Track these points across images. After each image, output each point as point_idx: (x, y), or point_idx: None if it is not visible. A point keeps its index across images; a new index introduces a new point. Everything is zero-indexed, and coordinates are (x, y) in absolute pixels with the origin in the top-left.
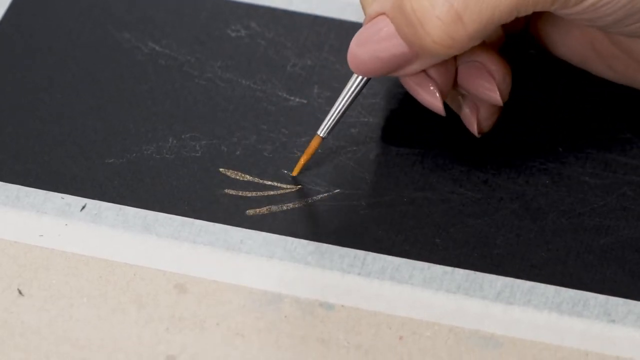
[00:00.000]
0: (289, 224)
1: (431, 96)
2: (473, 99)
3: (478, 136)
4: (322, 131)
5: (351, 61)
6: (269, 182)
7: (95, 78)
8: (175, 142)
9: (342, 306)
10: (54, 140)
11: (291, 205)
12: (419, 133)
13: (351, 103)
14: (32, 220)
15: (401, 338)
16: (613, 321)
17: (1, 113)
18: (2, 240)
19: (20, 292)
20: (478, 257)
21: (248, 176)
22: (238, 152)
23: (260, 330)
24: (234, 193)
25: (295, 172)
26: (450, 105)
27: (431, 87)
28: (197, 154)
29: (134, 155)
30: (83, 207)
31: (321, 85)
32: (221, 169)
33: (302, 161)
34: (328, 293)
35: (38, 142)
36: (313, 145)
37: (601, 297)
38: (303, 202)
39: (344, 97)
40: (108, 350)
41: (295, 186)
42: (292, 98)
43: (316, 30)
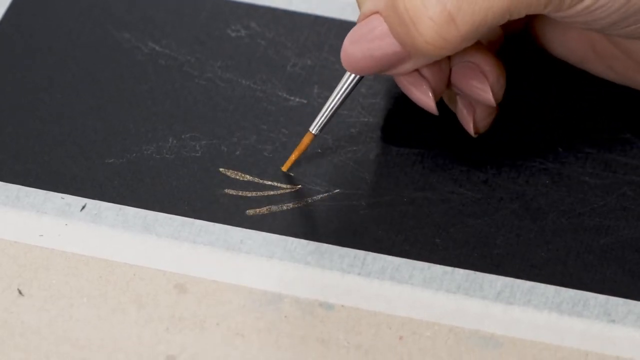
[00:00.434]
0: (289, 224)
1: (424, 95)
2: (468, 100)
3: (474, 136)
4: (314, 128)
5: (344, 59)
6: (269, 182)
7: (95, 78)
8: (175, 142)
9: (342, 306)
10: (54, 140)
11: (291, 205)
12: (419, 133)
13: (344, 101)
14: (32, 220)
15: (401, 338)
16: (613, 321)
17: (1, 113)
18: (2, 240)
19: (20, 292)
20: (478, 257)
21: (248, 176)
22: (238, 152)
23: (260, 330)
24: (234, 193)
25: (285, 168)
26: (448, 105)
27: (424, 87)
28: (197, 154)
29: (134, 155)
30: (83, 207)
31: (321, 85)
32: (221, 169)
33: (293, 157)
34: (328, 293)
35: (38, 142)
36: (305, 141)
37: (601, 297)
38: (303, 202)
39: (337, 95)
40: (108, 350)
41: (295, 186)
42: (292, 98)
43: (316, 30)
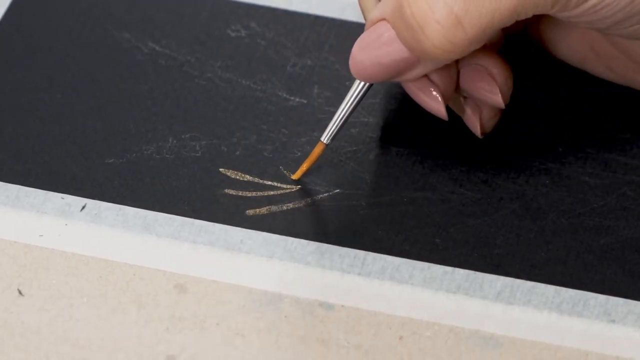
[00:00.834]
0: (289, 224)
1: (434, 101)
2: (475, 102)
3: (481, 137)
4: (326, 138)
5: (353, 67)
6: (269, 182)
7: (95, 78)
8: (175, 142)
9: (342, 306)
10: (54, 140)
11: (291, 205)
12: (419, 133)
13: (354, 109)
14: (32, 220)
15: (401, 338)
16: (613, 321)
17: (1, 113)
18: (2, 240)
19: (20, 292)
20: (478, 257)
21: (248, 176)
22: (238, 152)
23: (260, 330)
24: (234, 193)
25: (296, 176)
26: (451, 107)
27: (433, 92)
28: (197, 154)
29: (134, 155)
30: (83, 207)
31: (321, 85)
32: (221, 169)
33: (305, 167)
34: (328, 293)
35: (38, 142)
36: (316, 151)
37: (601, 297)
38: (303, 202)
39: (347, 103)
40: (108, 350)
41: (295, 186)
42: (292, 98)
43: (316, 30)
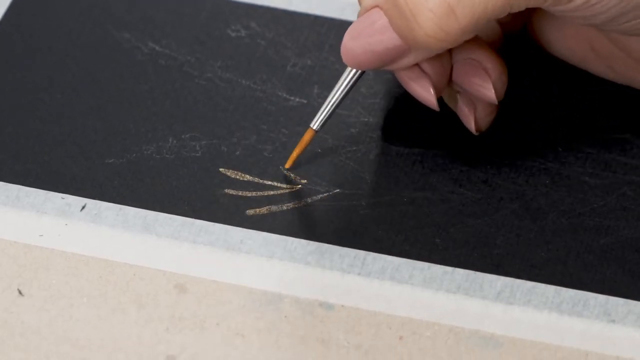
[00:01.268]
0: (289, 224)
1: (425, 91)
2: (470, 97)
3: (476, 134)
4: (315, 124)
5: (344, 54)
6: (269, 182)
7: (95, 78)
8: (175, 142)
9: (342, 306)
10: (54, 140)
11: (291, 205)
12: (419, 133)
13: (345, 96)
14: (32, 220)
15: (401, 338)
16: (613, 321)
17: (1, 113)
18: (2, 240)
19: (20, 292)
20: (478, 257)
21: (248, 176)
22: (238, 152)
23: (260, 330)
24: (234, 193)
25: (288, 165)
26: (448, 104)
27: (425, 82)
28: (197, 154)
29: (134, 155)
30: (83, 207)
31: (321, 85)
32: (221, 169)
33: (295, 154)
34: (328, 293)
35: (38, 142)
36: (306, 138)
37: (601, 297)
38: (303, 202)
39: (338, 90)
40: (108, 350)
41: (295, 186)
42: (292, 98)
43: (316, 30)
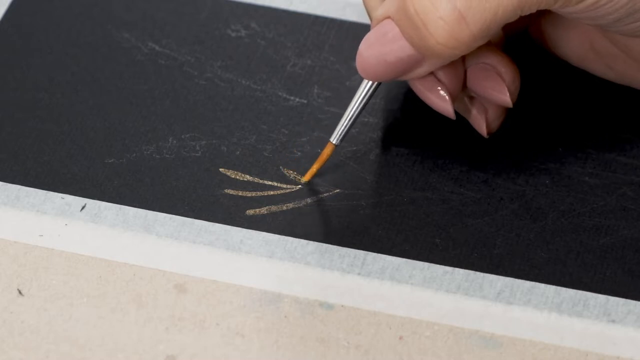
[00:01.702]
0: (289, 224)
1: (441, 100)
2: (481, 101)
3: (487, 137)
4: (335, 138)
5: (360, 66)
6: (269, 182)
7: (95, 78)
8: (175, 142)
9: (342, 306)
10: (54, 140)
11: (291, 205)
12: (419, 133)
13: (362, 109)
14: (32, 220)
15: (401, 338)
16: (613, 321)
17: (1, 113)
18: (2, 240)
19: (20, 292)
20: (478, 257)
21: (248, 176)
22: (238, 152)
23: (260, 330)
24: (234, 193)
25: (306, 179)
26: (456, 108)
27: (441, 91)
28: (197, 154)
29: (134, 155)
30: (83, 207)
31: (321, 85)
32: (221, 169)
33: (315, 169)
34: (328, 293)
35: (38, 142)
36: (326, 152)
37: (601, 297)
38: (303, 202)
39: (355, 103)
40: (108, 350)
41: (295, 186)
42: (292, 98)
43: (316, 30)
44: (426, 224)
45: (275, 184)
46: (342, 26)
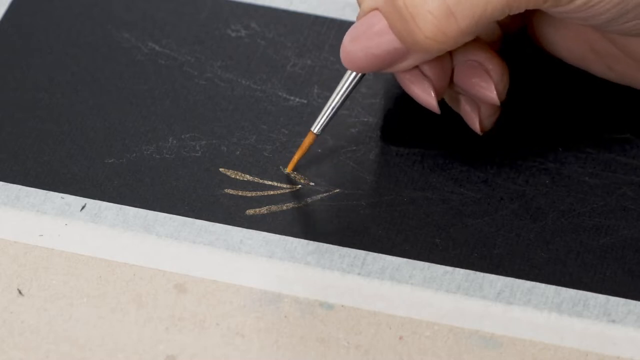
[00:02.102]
0: (289, 224)
1: (425, 93)
2: (472, 98)
3: (481, 134)
4: (316, 128)
5: (344, 57)
6: (269, 182)
7: (95, 78)
8: (175, 142)
9: (342, 306)
10: (54, 140)
11: (291, 205)
12: (419, 133)
13: (345, 99)
14: (32, 220)
15: (401, 338)
16: (613, 321)
17: (1, 113)
18: (2, 240)
19: (20, 292)
20: (478, 257)
21: (248, 176)
22: (238, 152)
23: (260, 330)
24: (234, 193)
25: (289, 169)
26: (450, 105)
27: (426, 85)
28: (197, 154)
29: (134, 155)
30: (83, 207)
31: (321, 85)
32: (221, 169)
33: (296, 157)
34: (328, 293)
35: (38, 142)
36: (307, 141)
37: (601, 297)
38: (303, 202)
39: (338, 94)
40: (108, 349)
41: (295, 186)
42: (292, 98)
43: (316, 30)
44: (426, 224)
45: (275, 184)
46: (342, 26)
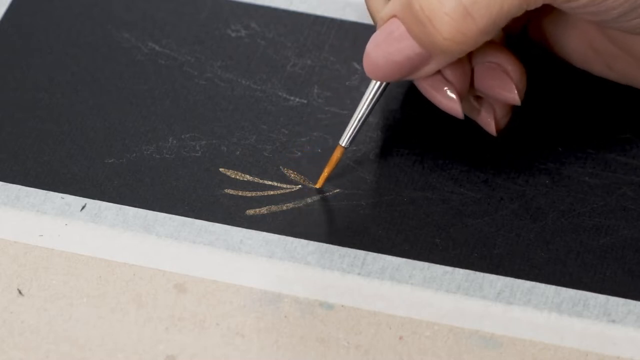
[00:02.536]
0: (289, 224)
1: (449, 99)
2: (489, 100)
3: (496, 135)
4: (344, 141)
5: (367, 67)
6: (269, 182)
7: (95, 78)
8: (175, 142)
9: (342, 306)
10: (54, 140)
11: (291, 205)
12: (419, 133)
13: (371, 111)
14: (32, 220)
15: (401, 338)
16: (613, 321)
17: (1, 113)
18: (2, 240)
19: (20, 292)
20: (478, 257)
21: (248, 176)
22: (238, 152)
23: (260, 330)
24: (234, 193)
25: (319, 184)
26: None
27: (448, 91)
28: (197, 154)
29: (134, 155)
30: (83, 207)
31: (321, 85)
32: (221, 169)
33: (326, 173)
34: (328, 293)
35: (38, 142)
36: (336, 155)
37: (601, 297)
38: (303, 202)
39: (364, 105)
40: (108, 349)
41: (295, 186)
42: (292, 98)
43: (316, 30)
44: (426, 224)
45: (275, 184)
46: (342, 26)
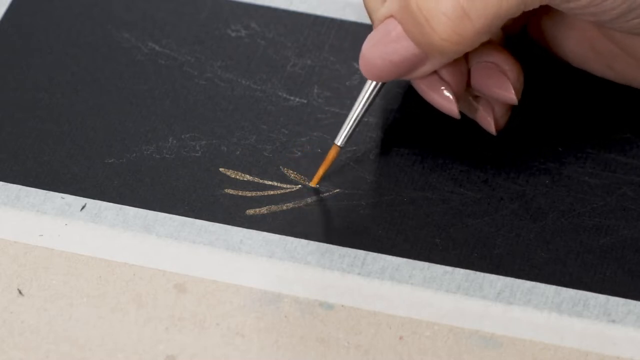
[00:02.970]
0: (289, 224)
1: (445, 99)
2: (486, 99)
3: (495, 134)
4: (340, 140)
5: (363, 67)
6: (269, 182)
7: (95, 78)
8: (175, 142)
9: (342, 306)
10: (54, 140)
11: (291, 205)
12: (419, 133)
13: (367, 110)
14: (32, 220)
15: (401, 338)
16: (613, 321)
17: (1, 113)
18: (2, 240)
19: (20, 292)
20: (478, 257)
21: (248, 176)
22: (238, 152)
23: (260, 330)
24: (234, 193)
25: (314, 183)
26: (460, 108)
27: (444, 91)
28: (197, 154)
29: (134, 155)
30: (83, 207)
31: (321, 85)
32: (221, 169)
33: (321, 171)
34: (328, 293)
35: (38, 142)
36: (331, 154)
37: (601, 297)
38: (303, 202)
39: (359, 105)
40: (108, 349)
41: (295, 186)
42: (292, 98)
43: (316, 30)
44: (426, 224)
45: (275, 184)
46: (342, 26)
